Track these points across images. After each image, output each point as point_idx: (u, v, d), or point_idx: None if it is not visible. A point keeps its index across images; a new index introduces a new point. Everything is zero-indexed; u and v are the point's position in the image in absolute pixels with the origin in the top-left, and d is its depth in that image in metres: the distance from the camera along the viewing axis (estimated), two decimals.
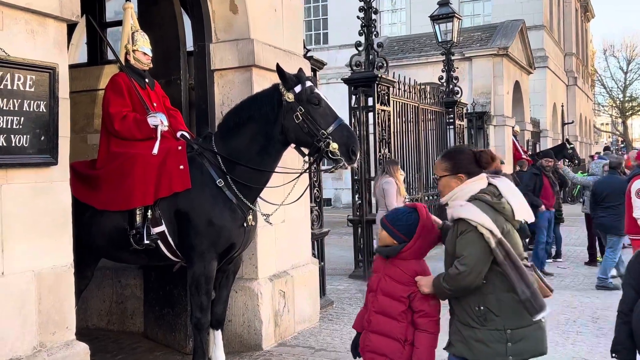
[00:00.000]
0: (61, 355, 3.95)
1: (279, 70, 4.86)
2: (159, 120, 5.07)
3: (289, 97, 4.78)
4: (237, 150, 4.97)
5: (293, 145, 5.00)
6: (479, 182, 3.37)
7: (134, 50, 5.39)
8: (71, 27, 5.79)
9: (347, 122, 4.95)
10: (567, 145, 21.23)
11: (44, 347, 3.90)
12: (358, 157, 4.81)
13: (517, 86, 20.92)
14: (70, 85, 4.19)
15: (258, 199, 5.17)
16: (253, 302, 6.13)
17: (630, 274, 3.59)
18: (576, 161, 21.58)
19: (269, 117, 4.88)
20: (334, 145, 4.62)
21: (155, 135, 5.04)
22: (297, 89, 4.78)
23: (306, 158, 5.16)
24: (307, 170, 5.26)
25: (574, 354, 6.00)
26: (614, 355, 3.53)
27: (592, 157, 22.50)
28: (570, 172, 14.05)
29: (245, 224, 5.04)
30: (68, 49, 5.04)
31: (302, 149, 5.01)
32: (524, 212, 3.36)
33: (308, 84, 4.83)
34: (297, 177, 5.13)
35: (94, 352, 4.91)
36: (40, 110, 3.82)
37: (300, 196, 5.19)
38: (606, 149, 25.59)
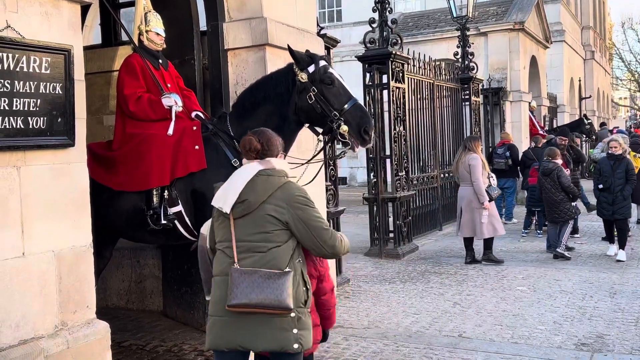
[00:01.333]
0: (82, 334, 4.01)
1: (291, 51, 4.84)
2: (173, 101, 5.09)
3: (303, 77, 4.76)
4: (252, 128, 4.97)
5: (307, 125, 5.00)
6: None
7: (147, 31, 5.39)
8: (85, 9, 5.80)
9: (361, 101, 4.93)
10: (585, 120, 21.00)
11: (65, 325, 3.96)
12: (373, 137, 4.79)
13: (533, 61, 20.68)
14: (85, 67, 4.20)
15: None
16: None
17: None
18: (594, 136, 21.35)
19: (283, 97, 4.88)
20: (344, 128, 4.62)
21: (170, 115, 5.06)
22: (311, 68, 4.75)
23: (320, 137, 5.16)
24: (321, 152, 5.23)
25: (590, 329, 6.01)
26: None
27: (610, 131, 22.26)
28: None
29: None
30: (82, 31, 5.06)
31: (317, 128, 5.00)
32: (219, 201, 3.40)
33: (322, 63, 4.79)
34: (310, 160, 5.13)
35: (114, 331, 4.98)
36: (57, 92, 3.85)
37: (315, 176, 5.19)
38: (602, 125, 25.21)
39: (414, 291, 7.74)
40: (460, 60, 14.86)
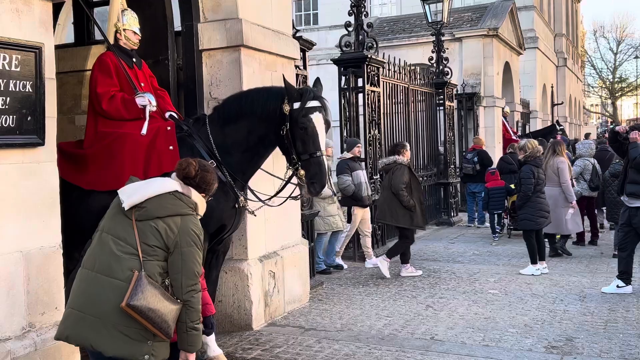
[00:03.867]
0: (50, 335, 3.95)
1: (285, 82, 4.87)
2: (147, 100, 5.05)
3: (285, 108, 4.77)
4: (232, 136, 5.00)
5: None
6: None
7: (124, 29, 5.34)
8: (57, 7, 5.73)
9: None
10: (557, 126, 21.28)
11: (33, 327, 3.91)
12: (320, 192, 4.94)
13: (507, 67, 20.91)
14: (57, 66, 4.16)
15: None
16: (243, 283, 6.16)
17: None
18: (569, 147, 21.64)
19: (268, 116, 4.89)
20: (302, 172, 4.73)
21: (144, 115, 5.01)
22: (295, 104, 4.76)
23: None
24: (286, 183, 5.19)
25: (560, 332, 6.07)
26: None
27: (586, 136, 22.68)
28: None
29: (236, 205, 5.05)
30: (54, 29, 5.00)
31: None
32: (124, 194, 3.50)
33: (310, 104, 4.75)
34: (272, 196, 5.18)
35: None
36: (27, 90, 3.80)
37: (284, 201, 5.19)
38: (587, 135, 25.60)
39: (387, 294, 7.76)
40: (435, 65, 14.96)
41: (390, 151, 9.30)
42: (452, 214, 14.44)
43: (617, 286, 7.52)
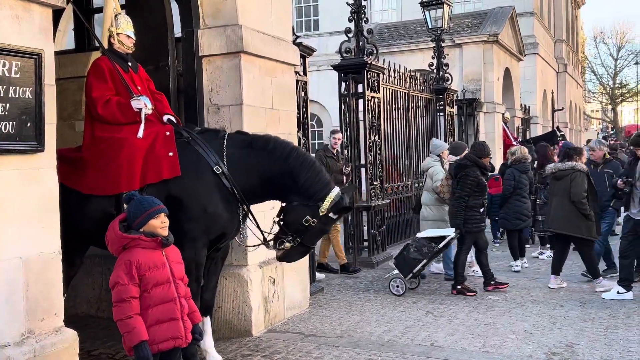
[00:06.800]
0: (50, 342, 3.95)
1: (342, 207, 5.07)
2: (142, 104, 5.03)
3: (322, 210, 4.94)
4: (247, 164, 5.07)
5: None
6: None
7: (117, 34, 5.33)
8: (58, 13, 5.76)
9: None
10: (557, 132, 21.26)
11: (32, 333, 3.90)
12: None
13: (507, 73, 20.92)
14: (57, 72, 4.17)
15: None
16: (242, 289, 6.15)
17: None
18: None
19: (297, 192, 5.00)
20: (286, 245, 5.01)
21: (140, 118, 5.01)
22: (331, 214, 4.97)
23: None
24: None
25: (561, 338, 6.06)
26: None
27: (588, 142, 22.71)
28: None
29: (239, 211, 5.07)
30: (55, 36, 5.01)
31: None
32: None
33: (340, 216, 5.22)
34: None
35: (84, 339, 4.93)
36: (26, 96, 3.80)
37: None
38: (588, 141, 25.61)
39: (387, 300, 7.76)
40: (435, 71, 14.97)
41: (564, 155, 8.64)
42: None
43: (618, 292, 7.53)
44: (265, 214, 6.20)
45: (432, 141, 9.90)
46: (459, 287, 7.96)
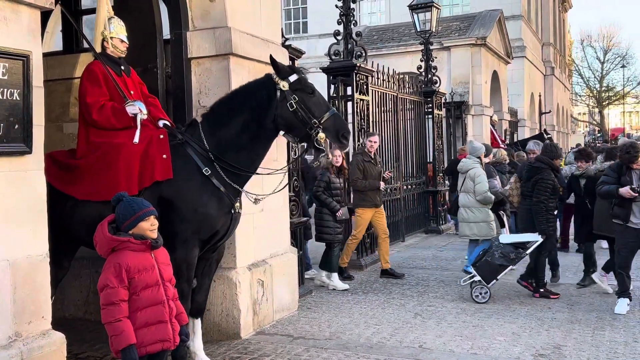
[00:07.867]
0: (37, 345, 3.93)
1: (273, 61, 5.01)
2: (137, 109, 5.02)
3: (284, 85, 4.94)
4: (226, 139, 5.03)
5: (282, 132, 5.12)
6: None
7: (111, 38, 5.31)
8: (46, 15, 5.72)
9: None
10: (545, 135, 21.41)
11: (19, 336, 3.88)
12: (350, 142, 5.01)
13: (495, 76, 21.04)
14: (45, 74, 4.15)
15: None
16: (231, 291, 6.14)
17: None
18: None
19: (262, 105, 4.99)
20: (321, 135, 4.86)
21: (135, 124, 5.00)
22: (292, 78, 4.96)
23: (283, 147, 5.20)
24: (295, 160, 5.33)
25: (548, 340, 6.09)
26: None
27: (577, 145, 22.92)
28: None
29: (232, 211, 5.06)
30: (43, 37, 4.99)
31: (293, 136, 5.16)
32: None
33: (302, 74, 5.04)
34: (288, 166, 5.24)
35: (72, 342, 4.89)
36: (14, 98, 3.79)
37: (282, 188, 5.27)
38: (577, 145, 25.77)
39: (376, 302, 7.77)
40: (423, 73, 15.03)
41: (606, 156, 8.58)
42: (441, 222, 14.48)
43: (627, 304, 7.16)
44: (254, 216, 6.22)
45: (470, 143, 10.02)
46: (541, 290, 7.90)
